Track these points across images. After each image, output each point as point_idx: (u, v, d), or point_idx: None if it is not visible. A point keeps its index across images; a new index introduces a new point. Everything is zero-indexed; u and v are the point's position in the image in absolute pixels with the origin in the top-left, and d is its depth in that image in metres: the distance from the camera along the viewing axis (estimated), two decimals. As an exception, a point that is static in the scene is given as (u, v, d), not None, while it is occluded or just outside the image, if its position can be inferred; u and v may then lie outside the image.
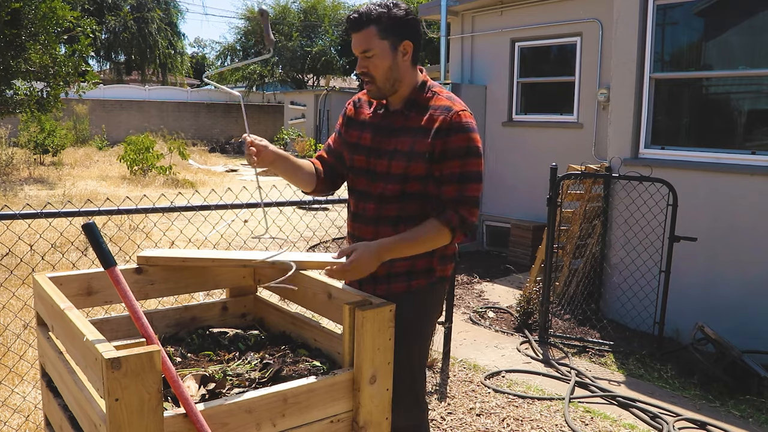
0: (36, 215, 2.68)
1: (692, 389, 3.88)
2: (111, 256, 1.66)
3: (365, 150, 2.06)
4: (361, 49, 1.91)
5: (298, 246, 7.20)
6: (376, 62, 1.91)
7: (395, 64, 1.93)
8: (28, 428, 3.06)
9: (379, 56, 1.91)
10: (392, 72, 1.94)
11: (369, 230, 2.06)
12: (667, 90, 4.92)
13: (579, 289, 5.09)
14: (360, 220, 2.10)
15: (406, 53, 1.94)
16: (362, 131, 2.09)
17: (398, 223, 2.00)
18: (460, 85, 7.52)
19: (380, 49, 1.90)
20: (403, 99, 2.01)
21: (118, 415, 1.40)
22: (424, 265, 2.05)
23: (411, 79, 2.00)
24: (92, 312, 3.74)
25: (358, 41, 1.92)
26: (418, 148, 1.93)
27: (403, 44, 1.93)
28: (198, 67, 34.47)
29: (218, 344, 2.27)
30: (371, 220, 2.05)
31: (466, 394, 3.73)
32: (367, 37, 1.89)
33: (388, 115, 2.04)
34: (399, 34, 1.91)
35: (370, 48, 1.90)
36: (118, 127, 22.53)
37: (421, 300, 2.08)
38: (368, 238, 2.02)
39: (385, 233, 2.00)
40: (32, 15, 10.00)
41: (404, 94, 2.00)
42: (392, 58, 1.92)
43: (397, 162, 1.96)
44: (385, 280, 2.07)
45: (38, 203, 9.06)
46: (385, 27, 1.88)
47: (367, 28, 1.89)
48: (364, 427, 1.90)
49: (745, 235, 4.35)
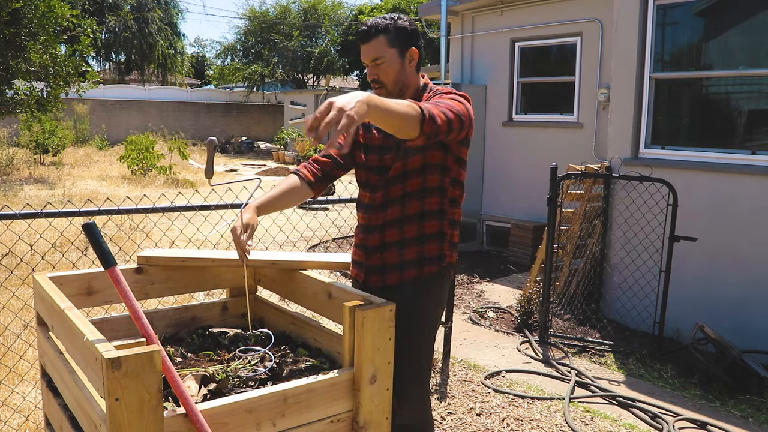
0: (36, 215, 2.68)
1: (692, 389, 3.88)
2: (111, 256, 1.66)
3: (375, 149, 2.15)
4: (372, 58, 2.03)
5: (298, 246, 7.20)
6: (386, 69, 2.04)
7: (403, 70, 2.06)
8: (28, 428, 3.06)
9: (389, 63, 2.04)
10: (400, 77, 2.07)
11: (380, 216, 2.12)
12: (667, 90, 4.92)
13: (579, 289, 5.09)
14: (371, 210, 2.15)
15: (412, 60, 2.09)
16: (372, 132, 2.19)
17: (404, 203, 2.06)
18: (460, 85, 7.52)
19: (390, 57, 2.03)
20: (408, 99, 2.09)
21: (118, 415, 1.40)
22: (435, 252, 2.10)
23: (415, 83, 2.13)
24: (92, 312, 3.75)
25: (368, 51, 2.04)
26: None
27: (410, 51, 2.07)
28: (198, 66, 34.48)
29: (218, 344, 2.27)
30: (380, 206, 2.11)
31: (466, 394, 3.73)
32: (377, 47, 2.02)
33: None
34: (406, 42, 2.05)
35: (381, 56, 2.03)
36: (118, 127, 22.53)
37: (432, 287, 2.12)
38: (378, 224, 2.11)
39: (393, 213, 2.08)
40: (32, 14, 10.00)
41: (409, 96, 2.11)
42: (401, 64, 2.05)
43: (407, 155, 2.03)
44: (398, 269, 2.10)
45: (38, 203, 9.06)
46: (393, 36, 2.02)
47: (376, 38, 2.02)
48: (364, 427, 1.90)
49: (745, 235, 4.35)
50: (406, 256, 2.09)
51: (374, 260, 2.14)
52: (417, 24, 2.12)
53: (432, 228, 2.08)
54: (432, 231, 2.08)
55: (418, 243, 2.08)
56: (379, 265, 2.13)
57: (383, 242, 2.11)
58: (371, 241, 2.14)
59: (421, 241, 2.08)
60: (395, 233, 2.09)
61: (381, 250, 2.12)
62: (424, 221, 2.07)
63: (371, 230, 2.14)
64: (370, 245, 2.15)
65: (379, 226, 2.12)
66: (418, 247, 2.08)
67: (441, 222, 2.09)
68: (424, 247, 2.08)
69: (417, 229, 2.07)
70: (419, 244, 2.08)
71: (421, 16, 9.07)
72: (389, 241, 2.10)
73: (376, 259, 2.14)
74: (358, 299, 1.95)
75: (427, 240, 2.08)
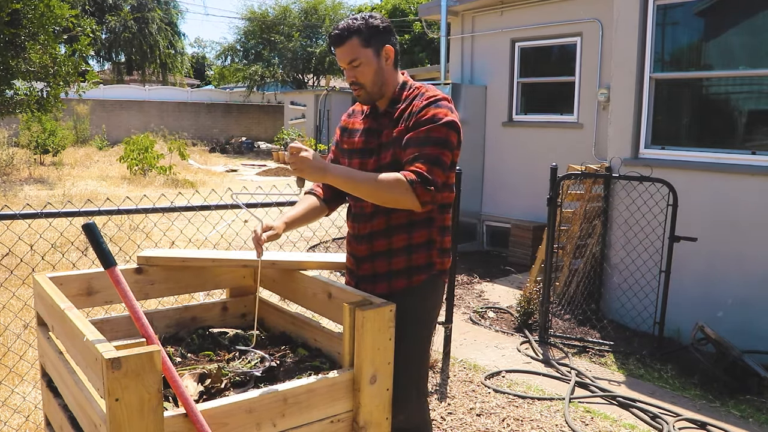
0: (36, 215, 2.68)
1: (692, 389, 3.88)
2: (111, 256, 1.66)
3: (357, 152, 2.14)
4: (348, 60, 2.02)
5: (298, 246, 7.20)
6: (363, 70, 2.03)
7: (380, 68, 2.05)
8: (28, 428, 3.05)
9: (365, 64, 2.02)
10: (378, 77, 2.05)
11: (366, 226, 2.12)
12: (667, 90, 4.92)
13: (579, 289, 5.09)
14: (359, 219, 2.16)
15: (388, 58, 2.07)
16: (355, 137, 2.19)
17: (390, 212, 2.05)
18: (460, 85, 7.52)
19: (365, 57, 2.02)
20: (388, 100, 2.11)
21: (118, 415, 1.40)
22: (423, 260, 2.09)
23: (394, 81, 2.12)
24: (92, 312, 3.75)
25: (344, 53, 2.03)
26: (398, 134, 2.02)
27: (385, 49, 2.05)
28: (198, 67, 34.45)
29: (218, 344, 2.27)
30: (368, 216, 2.11)
31: (466, 394, 3.73)
32: (351, 48, 2.01)
33: (377, 116, 2.14)
34: (380, 40, 2.04)
35: (356, 57, 2.01)
36: (118, 127, 22.53)
37: (422, 295, 2.11)
38: (364, 233, 2.11)
39: (378, 224, 2.08)
40: (31, 15, 10.00)
41: (389, 95, 2.11)
42: (377, 63, 2.04)
43: (386, 153, 2.05)
44: (386, 278, 2.10)
45: (38, 203, 9.06)
46: (366, 36, 2.01)
47: (350, 40, 2.00)
48: (364, 427, 1.90)
49: (745, 235, 4.35)
50: (395, 265, 2.09)
51: (365, 269, 2.15)
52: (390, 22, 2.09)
53: (420, 237, 2.07)
54: (420, 240, 2.08)
55: (407, 252, 2.07)
56: (370, 274, 2.13)
57: (372, 252, 2.12)
58: (360, 251, 2.15)
59: (410, 251, 2.07)
60: (383, 243, 2.09)
61: (371, 260, 2.13)
62: (413, 231, 2.07)
63: (359, 240, 2.15)
64: (359, 255, 2.16)
65: (366, 235, 2.12)
66: (407, 256, 2.08)
67: (429, 230, 2.08)
68: (413, 257, 2.08)
69: (406, 239, 2.07)
70: (407, 254, 2.07)
71: (421, 16, 9.07)
72: (377, 250, 2.11)
73: (367, 268, 2.14)
74: (358, 299, 1.95)
75: (415, 249, 2.08)
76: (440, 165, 1.93)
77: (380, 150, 2.07)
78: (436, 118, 1.96)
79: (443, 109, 1.98)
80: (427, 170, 1.89)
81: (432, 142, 1.93)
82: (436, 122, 1.95)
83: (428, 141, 1.93)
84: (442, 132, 1.95)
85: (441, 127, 1.95)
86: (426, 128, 1.95)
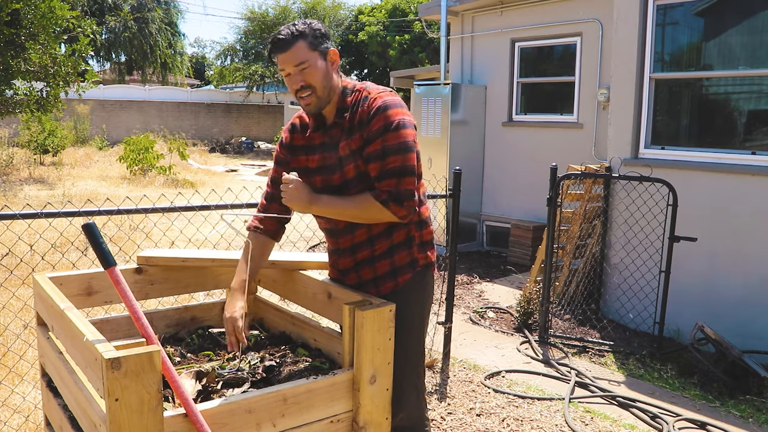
0: (36, 215, 2.68)
1: (692, 389, 3.88)
2: (111, 256, 1.66)
3: (316, 171, 2.10)
4: (296, 63, 1.97)
5: (298, 246, 7.20)
6: (312, 72, 1.98)
7: (328, 72, 2.02)
8: (28, 428, 3.06)
9: (314, 66, 1.98)
10: (327, 80, 2.02)
11: (347, 239, 2.11)
12: (667, 90, 4.92)
13: (579, 289, 5.09)
14: (336, 234, 2.14)
15: (333, 62, 2.04)
16: (309, 154, 2.14)
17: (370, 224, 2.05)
18: (460, 85, 7.52)
19: (313, 60, 1.98)
20: (335, 108, 2.07)
21: (118, 415, 1.40)
22: (405, 259, 2.09)
23: (338, 87, 2.07)
24: (92, 312, 3.75)
25: (291, 57, 1.97)
26: (355, 146, 1.99)
27: (330, 53, 2.02)
28: (198, 67, 34.44)
29: (218, 344, 2.28)
30: (345, 229, 2.10)
31: (466, 394, 3.73)
32: (299, 52, 1.96)
33: (327, 129, 2.09)
34: (324, 44, 2.02)
35: (305, 60, 1.97)
36: (118, 127, 22.53)
37: (411, 294, 2.11)
38: (346, 246, 2.12)
39: (360, 236, 2.08)
40: (31, 15, 10.00)
41: (335, 102, 2.06)
42: (325, 66, 2.01)
43: (347, 167, 2.01)
44: (373, 284, 2.11)
45: (38, 203, 9.06)
46: (312, 40, 1.98)
47: (296, 44, 1.96)
48: (364, 427, 1.90)
49: (745, 235, 4.35)
50: (379, 270, 2.09)
51: (350, 279, 2.15)
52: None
53: (399, 236, 2.08)
54: (400, 239, 2.08)
55: (389, 255, 2.08)
56: (356, 283, 2.14)
57: (356, 262, 2.12)
58: (344, 264, 2.15)
59: (391, 253, 2.08)
60: (366, 252, 2.09)
61: (355, 270, 2.13)
62: (393, 232, 2.07)
63: (341, 253, 2.15)
64: (343, 267, 2.16)
65: (348, 248, 2.12)
66: (389, 259, 2.08)
67: (408, 227, 2.08)
68: (395, 258, 2.08)
69: (388, 243, 2.07)
70: (390, 256, 2.08)
71: (421, 16, 9.06)
72: (361, 259, 2.11)
73: (353, 278, 2.14)
74: (358, 299, 1.95)
75: (396, 250, 2.08)
76: (407, 172, 1.93)
77: (342, 164, 2.02)
78: (388, 124, 1.93)
79: (390, 109, 1.95)
80: (395, 185, 1.92)
81: (392, 151, 1.92)
82: (390, 129, 1.93)
83: (388, 151, 1.92)
84: (399, 137, 1.93)
85: (395, 134, 1.93)
86: (381, 139, 1.93)
